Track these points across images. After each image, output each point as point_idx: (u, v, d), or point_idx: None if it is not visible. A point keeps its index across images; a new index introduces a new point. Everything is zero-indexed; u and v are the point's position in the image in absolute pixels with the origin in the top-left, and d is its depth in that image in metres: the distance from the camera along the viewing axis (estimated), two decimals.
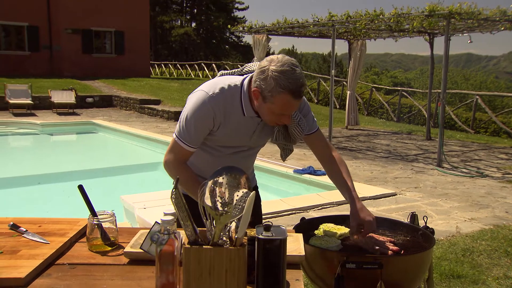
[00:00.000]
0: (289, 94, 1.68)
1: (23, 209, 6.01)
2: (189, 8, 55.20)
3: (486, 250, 4.10)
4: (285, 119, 1.81)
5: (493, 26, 9.02)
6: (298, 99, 1.72)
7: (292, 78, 1.67)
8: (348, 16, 9.26)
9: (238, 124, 1.89)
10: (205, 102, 1.82)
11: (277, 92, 1.68)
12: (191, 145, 1.89)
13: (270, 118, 1.81)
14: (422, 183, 6.74)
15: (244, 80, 1.87)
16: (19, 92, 14.88)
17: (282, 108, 1.73)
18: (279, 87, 1.67)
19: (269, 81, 1.69)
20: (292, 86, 1.67)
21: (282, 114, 1.77)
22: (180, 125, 1.89)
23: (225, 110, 1.84)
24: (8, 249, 1.54)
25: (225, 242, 1.28)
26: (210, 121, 1.85)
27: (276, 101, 1.71)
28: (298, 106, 1.77)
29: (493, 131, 13.83)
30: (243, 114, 1.86)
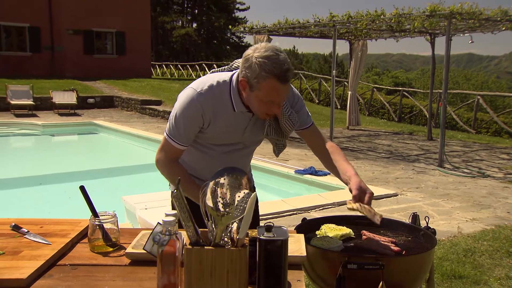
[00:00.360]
0: (275, 78, 1.67)
1: (25, 209, 6.02)
2: (190, 8, 55.24)
3: (487, 251, 4.09)
4: (275, 108, 1.78)
5: (495, 26, 9.01)
6: (285, 84, 1.71)
7: (277, 63, 1.66)
8: (349, 16, 9.26)
9: (228, 121, 1.87)
10: (193, 99, 1.82)
11: (263, 78, 1.67)
12: (181, 143, 1.88)
13: (260, 109, 1.79)
14: (424, 183, 6.74)
15: (233, 76, 1.86)
16: (20, 93, 14.90)
17: (269, 94, 1.71)
18: (264, 72, 1.66)
19: (253, 68, 1.68)
20: (277, 70, 1.66)
21: (270, 101, 1.74)
22: (170, 123, 1.89)
23: (214, 107, 1.83)
24: (10, 250, 1.55)
25: (226, 243, 1.28)
26: (199, 118, 1.83)
27: (262, 88, 1.70)
28: (286, 92, 1.76)
29: (494, 131, 13.82)
30: (234, 109, 1.85)
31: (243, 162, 2.07)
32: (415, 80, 44.57)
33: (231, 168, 1.35)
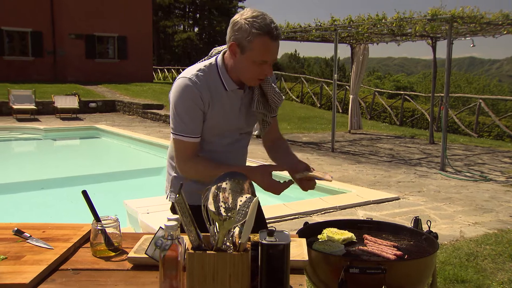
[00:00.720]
0: (266, 35, 1.70)
1: (27, 214, 6.03)
2: (191, 13, 55.41)
3: (490, 255, 4.08)
4: (267, 68, 1.79)
5: (496, 30, 9.02)
6: (275, 41, 1.73)
7: (265, 22, 1.71)
8: (351, 20, 9.27)
9: (223, 101, 1.87)
10: (188, 85, 1.80)
11: (254, 35, 1.70)
12: (192, 135, 1.84)
13: (252, 72, 1.79)
14: (426, 187, 6.73)
15: (217, 58, 1.88)
16: (22, 97, 14.95)
17: (262, 52, 1.73)
18: (255, 29, 1.70)
19: (244, 28, 1.71)
20: (267, 27, 1.70)
21: (263, 61, 1.75)
22: (173, 121, 1.86)
23: (209, 89, 1.82)
24: (12, 254, 1.55)
25: (228, 247, 1.28)
26: (200, 102, 1.81)
27: (255, 46, 1.72)
28: (276, 51, 1.78)
29: (496, 135, 13.80)
30: (225, 89, 1.86)
31: (243, 154, 2.08)
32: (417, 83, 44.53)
33: (232, 172, 1.35)
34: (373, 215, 5.21)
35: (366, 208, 5.54)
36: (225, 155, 1.96)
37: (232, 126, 1.95)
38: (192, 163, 1.87)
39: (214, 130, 1.92)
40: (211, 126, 1.89)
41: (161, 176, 8.65)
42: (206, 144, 1.93)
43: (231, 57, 1.82)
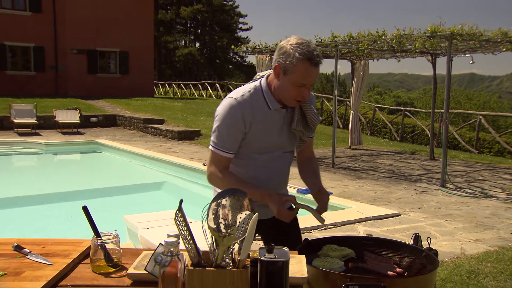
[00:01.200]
0: (307, 60, 1.87)
1: (27, 229, 6.01)
2: (193, 28, 55.89)
3: (491, 272, 4.06)
4: (305, 91, 1.94)
5: (495, 47, 9.08)
6: (315, 67, 1.90)
7: (307, 49, 1.88)
8: (351, 37, 9.35)
9: (265, 120, 2.03)
10: (232, 105, 1.99)
11: (297, 60, 1.88)
12: (227, 151, 2.02)
13: (291, 93, 1.95)
14: (426, 203, 6.71)
15: (261, 80, 2.08)
16: (24, 112, 14.99)
17: (302, 75, 1.89)
18: (298, 54, 1.87)
19: (288, 52, 1.90)
20: (309, 54, 1.87)
21: (302, 84, 1.92)
22: (214, 135, 2.04)
23: (252, 110, 2.00)
24: (11, 270, 1.55)
25: (228, 264, 1.28)
26: (241, 122, 1.99)
27: (296, 69, 1.89)
28: (315, 77, 1.94)
29: (497, 151, 13.81)
30: (269, 108, 2.03)
31: (285, 171, 2.22)
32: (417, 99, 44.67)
33: (232, 189, 1.36)
34: (373, 231, 5.19)
35: (367, 224, 5.52)
36: (264, 171, 2.11)
37: (273, 143, 2.10)
38: (222, 176, 2.03)
39: (255, 146, 2.07)
40: (252, 141, 2.06)
41: (162, 191, 8.66)
42: (247, 159, 2.09)
43: (275, 78, 2.00)
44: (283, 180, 2.24)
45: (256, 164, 2.10)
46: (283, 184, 2.26)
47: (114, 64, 25.90)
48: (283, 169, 2.20)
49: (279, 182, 2.20)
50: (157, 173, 10.00)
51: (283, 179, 2.23)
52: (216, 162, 2.04)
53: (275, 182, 2.16)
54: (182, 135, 14.09)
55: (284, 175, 2.23)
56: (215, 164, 2.04)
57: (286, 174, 2.25)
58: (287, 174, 2.26)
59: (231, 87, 30.83)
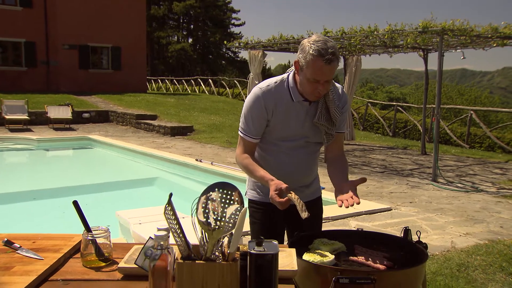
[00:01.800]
0: (319, 57, 1.93)
1: (18, 224, 5.98)
2: (185, 24, 55.65)
3: (481, 265, 4.10)
4: (319, 87, 2.01)
5: (486, 43, 9.13)
6: (328, 64, 1.95)
7: (323, 47, 1.94)
8: (343, 32, 9.37)
9: (288, 110, 2.15)
10: (256, 94, 2.15)
11: (310, 56, 1.95)
12: (251, 136, 2.18)
13: (307, 87, 2.05)
14: (417, 198, 6.76)
15: (290, 73, 2.18)
16: (15, 107, 14.89)
17: (314, 72, 1.97)
18: (312, 50, 1.95)
19: (305, 49, 1.98)
20: (322, 51, 1.93)
21: (316, 80, 1.99)
22: (241, 121, 2.22)
23: (275, 100, 2.13)
24: (1, 265, 1.55)
25: (217, 257, 1.29)
26: (263, 110, 2.13)
27: (309, 65, 1.97)
28: (329, 74, 1.99)
29: (488, 146, 13.91)
30: (292, 99, 2.14)
31: (309, 160, 2.30)
32: (409, 95, 44.85)
33: (222, 183, 1.37)
34: (365, 225, 5.22)
35: (358, 218, 5.56)
36: (288, 158, 2.23)
37: (295, 133, 2.21)
38: (243, 158, 2.20)
39: (279, 134, 2.20)
40: (275, 130, 2.19)
41: (154, 186, 8.65)
42: (272, 145, 2.24)
43: (296, 74, 2.12)
44: (307, 168, 2.32)
45: (280, 150, 2.23)
46: (308, 173, 2.34)
47: (107, 60, 25.74)
48: (306, 158, 2.28)
49: (302, 170, 2.29)
50: (150, 169, 9.98)
51: (307, 167, 2.31)
52: (241, 145, 2.22)
53: (298, 170, 2.27)
54: (175, 130, 14.06)
55: (307, 163, 2.30)
56: (241, 146, 2.22)
57: (310, 163, 2.32)
58: (312, 164, 2.34)
59: (224, 83, 30.76)
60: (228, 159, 9.62)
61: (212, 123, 15.78)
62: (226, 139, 12.80)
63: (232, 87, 28.99)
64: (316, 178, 2.43)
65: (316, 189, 2.44)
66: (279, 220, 2.35)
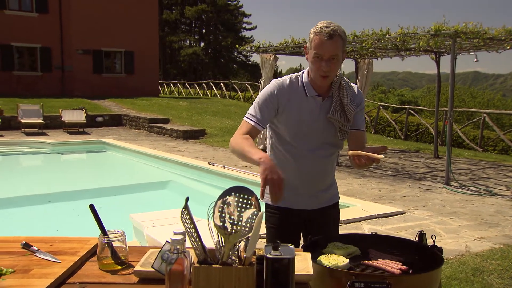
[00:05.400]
0: (319, 35, 2.03)
1: (34, 227, 6.05)
2: (197, 28, 55.92)
3: (496, 270, 4.05)
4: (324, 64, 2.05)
5: (499, 45, 9.05)
6: (328, 39, 2.02)
7: (324, 25, 2.05)
8: (355, 35, 9.34)
9: (301, 105, 2.17)
10: (272, 84, 2.21)
11: (312, 34, 2.07)
12: (253, 119, 2.15)
13: (313, 66, 2.10)
14: (431, 201, 6.71)
15: (304, 71, 2.25)
16: (31, 112, 15.09)
17: (316, 46, 2.04)
18: (314, 29, 2.07)
19: (310, 33, 2.09)
20: (322, 29, 2.04)
21: (318, 55, 2.05)
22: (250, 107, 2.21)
23: (289, 95, 2.17)
24: (20, 268, 1.57)
25: (234, 261, 1.30)
26: (275, 98, 2.16)
27: (311, 43, 2.07)
28: (331, 49, 2.03)
29: (501, 149, 13.74)
30: (306, 94, 2.18)
31: (326, 163, 2.28)
32: (421, 98, 44.48)
33: (239, 187, 1.38)
34: (378, 229, 5.19)
35: (371, 222, 5.53)
36: (305, 161, 2.21)
37: (310, 128, 2.20)
38: (236, 136, 2.13)
39: (293, 130, 2.20)
40: (289, 124, 2.19)
41: (167, 190, 8.69)
42: (288, 145, 2.22)
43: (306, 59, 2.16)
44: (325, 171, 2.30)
45: (297, 152, 2.21)
46: (325, 177, 2.32)
47: (120, 64, 25.97)
48: (324, 160, 2.26)
49: (320, 173, 2.27)
50: (163, 172, 10.03)
51: (324, 171, 2.29)
52: (240, 127, 2.17)
53: (316, 172, 2.26)
54: (187, 134, 14.12)
55: (325, 166, 2.28)
56: (238, 129, 2.17)
57: (327, 166, 2.30)
58: (329, 167, 2.31)
59: (236, 87, 30.82)
60: (241, 162, 9.64)
61: (224, 127, 15.82)
62: None
63: (244, 90, 29.04)
64: (333, 183, 2.41)
65: (333, 195, 2.41)
66: (295, 225, 2.35)
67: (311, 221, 2.35)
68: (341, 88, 2.19)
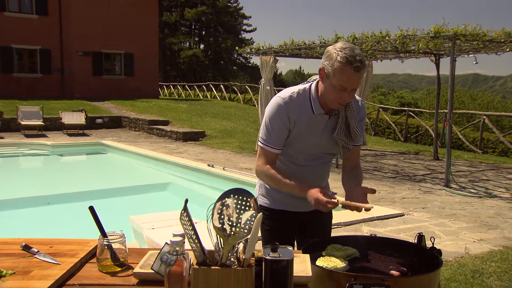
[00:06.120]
0: (347, 64, 1.89)
1: (34, 229, 6.05)
2: (197, 30, 55.98)
3: (496, 272, 4.06)
4: (346, 95, 1.97)
5: (498, 47, 9.06)
6: (355, 72, 1.91)
7: (350, 54, 1.90)
8: (355, 37, 9.36)
9: (309, 123, 2.11)
10: (280, 104, 2.10)
11: (337, 63, 1.91)
12: (274, 146, 2.13)
13: (332, 95, 2.00)
14: (430, 203, 6.71)
15: (312, 84, 2.15)
16: (31, 113, 15.10)
17: (342, 79, 1.92)
18: (340, 58, 1.91)
19: (331, 56, 1.94)
20: (350, 58, 1.89)
21: (343, 88, 1.95)
22: (262, 132, 2.16)
23: (298, 112, 2.09)
24: (20, 269, 1.58)
25: (233, 263, 1.30)
26: (286, 120, 2.09)
27: (336, 73, 1.93)
28: (356, 82, 1.95)
29: (501, 151, 13.76)
30: (313, 112, 2.10)
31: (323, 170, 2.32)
32: (421, 100, 44.52)
33: (237, 189, 1.38)
34: (377, 231, 5.19)
35: (371, 224, 5.53)
36: (305, 169, 2.22)
37: (313, 144, 2.19)
38: (266, 168, 2.14)
39: (297, 146, 2.17)
40: (294, 141, 2.16)
41: (167, 192, 8.69)
42: (289, 156, 2.20)
43: (320, 81, 2.07)
44: (321, 178, 2.32)
45: (295, 161, 2.20)
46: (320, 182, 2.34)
47: (119, 66, 26.00)
48: (321, 168, 2.28)
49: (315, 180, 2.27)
50: (162, 174, 10.04)
51: (320, 177, 2.31)
52: (263, 157, 2.15)
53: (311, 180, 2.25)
54: (187, 136, 14.13)
55: (321, 173, 2.31)
56: (262, 159, 2.15)
57: (323, 173, 2.33)
58: (325, 174, 2.35)
59: (235, 88, 30.85)
60: (240, 164, 9.64)
61: (224, 129, 15.83)
62: (238, 144, 12.82)
63: (244, 92, 29.07)
64: (327, 185, 2.43)
65: None
66: (290, 227, 2.36)
67: (305, 223, 2.37)
68: (348, 106, 2.14)
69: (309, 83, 2.17)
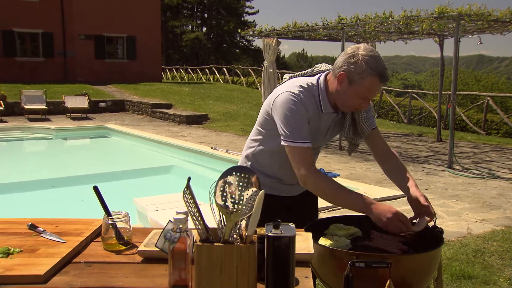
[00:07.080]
0: (378, 76, 1.83)
1: (38, 211, 6.11)
2: (199, 13, 55.55)
3: (497, 251, 4.09)
4: (365, 104, 1.93)
5: (504, 27, 8.96)
6: (383, 83, 1.88)
7: (380, 63, 1.83)
8: (358, 19, 9.27)
9: (318, 121, 2.01)
10: (294, 99, 1.91)
11: (368, 74, 1.82)
12: (306, 140, 1.91)
13: (351, 102, 1.92)
14: (433, 184, 6.73)
15: (320, 78, 2.00)
16: (34, 97, 15.12)
17: (369, 90, 1.86)
18: (370, 69, 1.82)
19: (360, 64, 1.83)
20: (380, 69, 1.83)
21: (365, 97, 1.89)
22: (287, 131, 1.90)
23: (310, 106, 1.96)
24: (27, 248, 1.60)
25: (235, 240, 1.32)
26: (305, 112, 1.92)
27: (365, 83, 1.84)
28: (379, 91, 1.90)
29: (505, 133, 13.72)
30: (321, 110, 1.98)
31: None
32: (425, 82, 44.28)
33: (239, 166, 1.39)
34: None
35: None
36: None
37: (320, 141, 2.12)
38: (318, 174, 1.91)
39: None
40: None
41: (170, 174, 8.74)
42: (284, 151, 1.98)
43: (336, 84, 1.92)
44: None
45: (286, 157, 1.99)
46: None
47: (122, 50, 25.90)
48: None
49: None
50: (166, 157, 10.08)
51: None
52: (302, 161, 1.90)
53: None
54: (190, 119, 14.14)
55: None
56: (302, 164, 1.90)
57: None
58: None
59: (238, 71, 30.72)
60: (243, 147, 9.66)
61: (227, 112, 15.82)
62: (241, 127, 12.82)
63: (247, 75, 28.95)
64: None
65: None
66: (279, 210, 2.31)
67: (292, 206, 2.31)
68: None
69: (316, 77, 2.02)
